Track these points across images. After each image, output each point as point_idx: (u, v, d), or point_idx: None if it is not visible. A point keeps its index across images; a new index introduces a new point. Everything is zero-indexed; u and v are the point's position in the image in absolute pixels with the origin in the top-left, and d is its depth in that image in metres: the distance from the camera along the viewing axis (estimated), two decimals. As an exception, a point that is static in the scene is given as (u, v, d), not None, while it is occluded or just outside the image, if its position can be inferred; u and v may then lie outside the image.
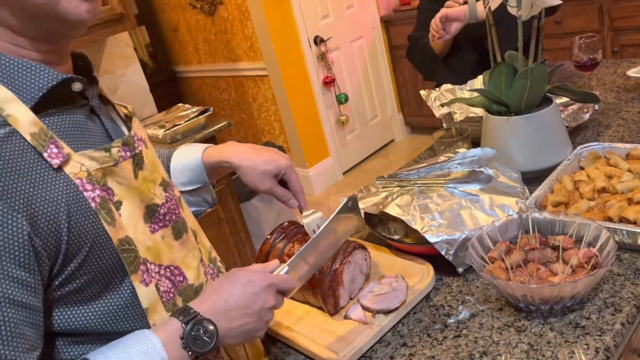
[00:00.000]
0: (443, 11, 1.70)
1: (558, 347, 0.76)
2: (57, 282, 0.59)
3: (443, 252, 0.93)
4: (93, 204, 0.61)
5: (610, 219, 0.93)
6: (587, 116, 1.34)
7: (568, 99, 1.37)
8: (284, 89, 3.44)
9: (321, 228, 0.78)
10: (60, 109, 0.64)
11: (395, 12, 3.96)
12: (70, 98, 0.65)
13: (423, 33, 1.93)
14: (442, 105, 1.37)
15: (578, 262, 0.85)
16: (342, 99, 3.69)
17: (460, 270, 0.96)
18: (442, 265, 0.98)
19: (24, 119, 0.58)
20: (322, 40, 3.55)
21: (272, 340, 0.94)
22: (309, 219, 0.90)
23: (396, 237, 1.03)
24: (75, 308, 0.61)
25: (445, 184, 1.03)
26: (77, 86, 0.64)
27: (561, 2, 1.07)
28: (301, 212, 0.92)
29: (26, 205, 0.55)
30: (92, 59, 0.80)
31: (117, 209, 0.64)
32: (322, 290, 0.90)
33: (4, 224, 0.53)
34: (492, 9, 1.70)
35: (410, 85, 4.06)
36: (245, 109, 3.89)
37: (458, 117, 1.36)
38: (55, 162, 0.59)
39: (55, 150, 0.59)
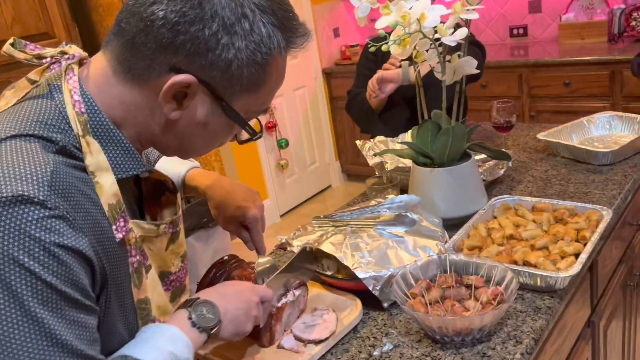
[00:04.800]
0: (380, 73, 1.86)
1: (467, 373, 0.85)
2: None
3: (370, 288, 1.02)
4: (131, 269, 0.68)
5: (515, 262, 1.06)
6: (501, 172, 1.50)
7: (485, 156, 1.53)
8: (226, 130, 3.51)
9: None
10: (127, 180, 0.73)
11: (336, 65, 4.18)
12: None
13: (361, 89, 2.09)
14: (374, 155, 1.49)
15: (487, 299, 0.96)
16: (282, 144, 3.80)
17: (385, 305, 1.05)
18: (369, 300, 1.06)
19: (108, 190, 0.65)
20: (266, 87, 3.68)
21: (207, 368, 0.98)
22: (261, 268, 0.99)
23: (329, 272, 1.11)
24: None
25: (374, 226, 1.13)
26: (145, 175, 0.76)
27: (479, 71, 1.23)
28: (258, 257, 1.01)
29: (94, 249, 0.62)
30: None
31: (147, 272, 0.72)
32: (260, 325, 0.95)
33: (82, 258, 0.60)
34: (422, 74, 1.89)
35: (348, 134, 4.24)
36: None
37: (389, 166, 1.48)
38: (119, 235, 0.66)
39: (122, 224, 0.66)
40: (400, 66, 1.87)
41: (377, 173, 1.56)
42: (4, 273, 0.54)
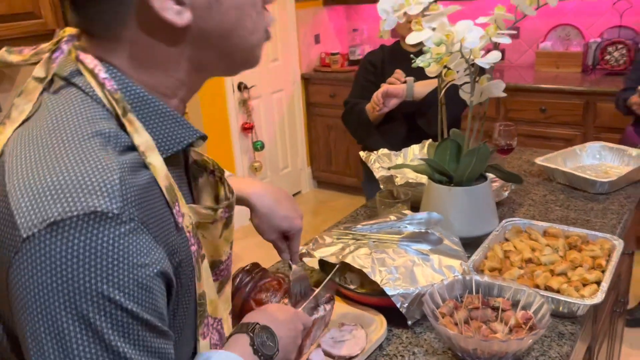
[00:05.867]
0: (385, 87, 1.87)
1: (503, 398, 0.85)
2: None
3: (398, 305, 1.01)
4: (193, 259, 0.61)
5: (537, 287, 1.07)
6: (506, 194, 1.53)
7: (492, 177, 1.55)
8: (203, 128, 3.43)
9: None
10: (176, 158, 0.63)
11: (315, 71, 4.17)
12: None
13: (358, 100, 2.09)
14: (389, 169, 1.48)
15: (516, 323, 0.97)
16: (258, 146, 3.75)
17: (410, 322, 1.04)
18: (391, 316, 1.05)
19: (161, 170, 0.57)
20: (246, 87, 3.63)
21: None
22: (296, 279, 0.96)
23: (352, 286, 1.09)
24: None
25: (399, 242, 1.12)
26: (200, 143, 0.64)
27: (505, 95, 1.24)
28: (290, 267, 0.97)
29: (165, 250, 0.55)
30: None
31: (202, 262, 0.64)
32: None
33: (158, 259, 0.53)
34: (426, 93, 1.91)
35: (322, 141, 4.24)
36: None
37: (399, 180, 1.48)
38: (180, 220, 0.58)
39: (177, 208, 0.58)
40: (405, 82, 1.88)
41: (382, 187, 1.55)
42: (80, 304, 0.48)
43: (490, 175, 1.38)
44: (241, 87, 3.61)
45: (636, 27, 3.30)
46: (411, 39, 1.18)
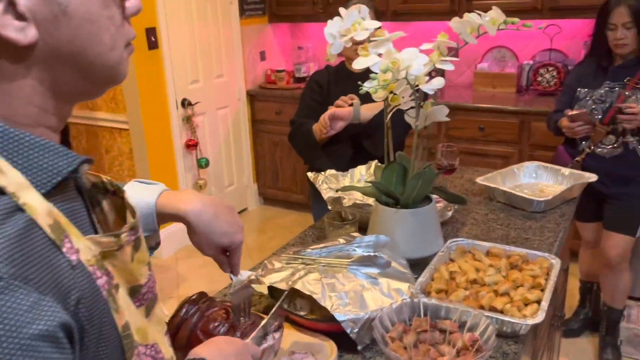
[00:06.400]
0: (332, 110, 1.88)
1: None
2: None
3: (348, 330, 1.01)
4: (104, 293, 0.55)
5: (482, 307, 1.10)
6: (450, 214, 1.57)
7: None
8: (145, 145, 3.34)
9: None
10: (61, 190, 0.56)
11: (261, 88, 4.16)
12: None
13: (304, 120, 2.09)
14: (337, 191, 1.49)
15: (463, 345, 0.98)
16: (203, 164, 3.69)
17: (359, 348, 1.04)
18: (340, 342, 1.04)
19: (41, 209, 0.50)
20: (190, 104, 3.57)
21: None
22: (236, 291, 0.93)
23: (302, 313, 1.08)
24: None
25: (348, 266, 1.12)
26: (85, 167, 0.58)
27: (448, 119, 1.28)
28: (232, 279, 0.95)
29: (56, 296, 0.50)
30: None
31: (117, 292, 0.58)
32: None
33: (40, 314, 0.47)
34: (372, 115, 1.94)
35: (268, 158, 4.22)
36: (96, 160, 3.67)
37: (347, 202, 1.49)
38: (73, 258, 0.52)
39: (69, 245, 0.52)
40: (351, 105, 1.91)
41: (329, 207, 1.55)
42: None
43: (434, 196, 1.41)
44: (185, 103, 3.54)
45: (565, 50, 3.50)
46: (358, 65, 1.19)
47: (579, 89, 2.33)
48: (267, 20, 4.19)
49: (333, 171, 1.72)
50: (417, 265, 1.26)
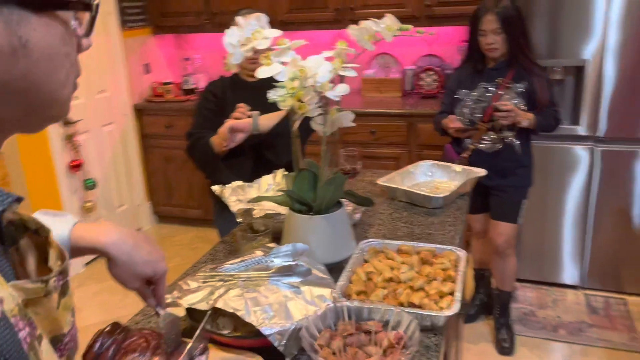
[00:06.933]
0: (231, 122, 1.85)
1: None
2: None
3: (276, 344, 0.99)
4: (25, 346, 0.48)
5: (402, 304, 1.14)
6: (358, 216, 1.60)
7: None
8: (22, 169, 3.06)
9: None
10: None
11: (148, 102, 3.98)
12: None
13: (201, 132, 2.03)
14: (249, 202, 1.46)
15: (389, 343, 1.01)
16: (89, 184, 3.45)
17: (288, 359, 1.02)
18: (268, 356, 1.02)
19: None
20: (70, 122, 3.32)
21: None
22: (167, 324, 0.89)
23: (225, 332, 1.04)
24: None
25: (269, 277, 1.10)
26: (14, 206, 0.52)
27: (354, 124, 1.31)
28: (158, 314, 0.89)
29: None
30: None
31: (39, 344, 0.52)
32: None
33: None
34: (272, 125, 1.93)
35: (160, 174, 4.05)
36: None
37: (257, 213, 1.47)
38: None
39: None
40: (250, 116, 1.89)
41: (240, 220, 1.52)
42: None
43: (342, 201, 1.44)
44: (65, 121, 3.29)
45: (442, 55, 3.75)
46: (261, 73, 1.18)
47: (459, 91, 2.51)
48: (150, 31, 4.03)
49: (239, 182, 1.69)
50: (334, 270, 1.28)
